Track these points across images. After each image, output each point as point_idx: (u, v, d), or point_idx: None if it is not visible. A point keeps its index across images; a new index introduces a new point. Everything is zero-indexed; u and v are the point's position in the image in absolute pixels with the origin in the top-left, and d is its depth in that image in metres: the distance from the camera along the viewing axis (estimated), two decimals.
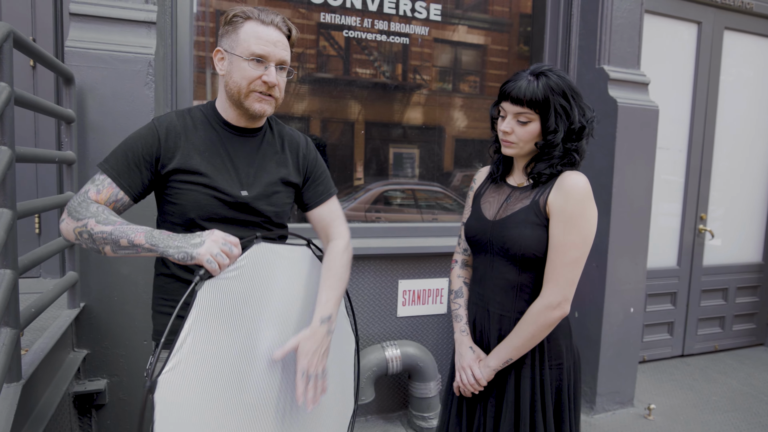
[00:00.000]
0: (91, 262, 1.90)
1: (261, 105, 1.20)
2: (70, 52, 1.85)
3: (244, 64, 1.17)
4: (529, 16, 3.06)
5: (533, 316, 1.32)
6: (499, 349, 1.38)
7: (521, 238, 1.32)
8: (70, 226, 1.09)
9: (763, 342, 4.07)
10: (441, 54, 2.88)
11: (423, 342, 2.75)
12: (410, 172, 2.96)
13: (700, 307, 3.76)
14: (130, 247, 1.05)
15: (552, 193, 1.31)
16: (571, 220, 1.28)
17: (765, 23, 3.71)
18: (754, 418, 2.89)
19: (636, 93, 2.85)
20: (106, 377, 1.97)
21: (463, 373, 1.41)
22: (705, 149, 3.62)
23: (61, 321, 1.72)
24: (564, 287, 1.29)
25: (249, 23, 1.18)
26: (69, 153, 1.76)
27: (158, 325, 1.28)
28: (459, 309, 1.52)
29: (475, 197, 1.52)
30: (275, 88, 1.21)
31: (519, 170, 1.43)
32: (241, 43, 1.17)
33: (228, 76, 1.20)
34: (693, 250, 3.66)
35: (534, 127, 1.32)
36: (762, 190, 3.94)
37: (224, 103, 1.26)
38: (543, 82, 1.30)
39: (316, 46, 2.56)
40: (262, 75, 1.18)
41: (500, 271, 1.39)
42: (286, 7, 2.54)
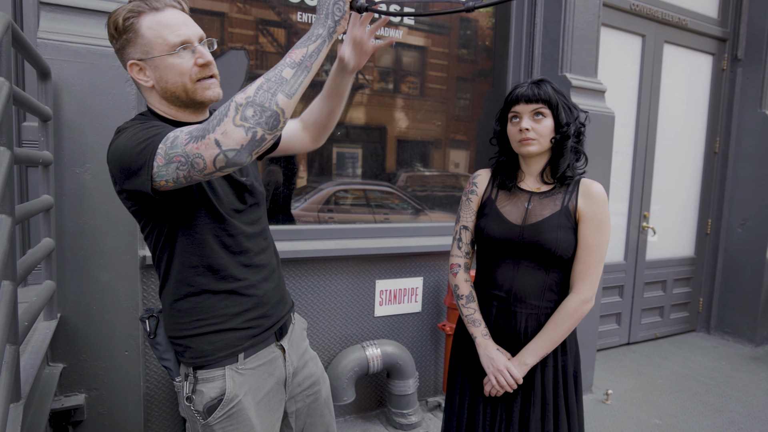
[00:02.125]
0: (68, 269, 1.78)
1: (212, 90, 1.11)
2: (42, 45, 1.71)
3: (172, 59, 1.05)
4: (468, 20, 3.15)
5: (571, 312, 1.43)
6: (536, 346, 1.45)
7: (559, 241, 1.42)
8: (228, 128, 0.88)
9: (695, 328, 4.47)
10: (383, 54, 2.90)
11: (400, 340, 2.79)
12: (353, 171, 2.95)
13: (643, 298, 4.07)
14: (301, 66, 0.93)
15: (581, 200, 1.45)
16: (600, 224, 1.43)
17: (697, 38, 4.07)
18: (695, 398, 3.17)
19: (595, 100, 3.04)
20: (84, 392, 1.85)
21: (500, 376, 1.45)
22: (648, 152, 3.92)
23: (41, 334, 1.60)
24: (595, 283, 1.44)
25: (145, 18, 1.05)
26: (46, 153, 1.64)
27: (205, 344, 1.15)
28: (475, 313, 1.55)
29: (485, 202, 1.57)
30: (212, 65, 1.10)
31: (532, 175, 1.52)
32: (154, 41, 1.04)
33: (161, 82, 1.08)
34: (638, 245, 3.96)
35: (549, 123, 1.44)
36: (694, 190, 4.32)
37: (170, 110, 1.13)
38: (547, 86, 1.45)
39: (255, 42, 2.51)
40: (195, 59, 1.07)
41: (528, 271, 1.47)
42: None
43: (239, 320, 1.17)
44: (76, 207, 1.78)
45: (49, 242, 1.65)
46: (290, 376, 1.30)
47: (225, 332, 1.15)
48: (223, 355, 1.15)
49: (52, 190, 1.70)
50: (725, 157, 4.28)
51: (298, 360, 1.33)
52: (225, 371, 1.14)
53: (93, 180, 1.79)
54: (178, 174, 0.93)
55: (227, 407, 1.13)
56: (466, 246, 1.61)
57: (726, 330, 4.29)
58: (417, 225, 2.98)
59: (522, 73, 3.15)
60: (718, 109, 4.28)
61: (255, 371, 1.19)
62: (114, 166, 1.02)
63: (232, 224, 1.16)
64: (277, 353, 1.26)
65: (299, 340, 1.38)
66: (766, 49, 4.02)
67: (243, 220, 1.19)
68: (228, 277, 1.16)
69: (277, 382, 1.26)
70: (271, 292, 1.25)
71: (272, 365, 1.24)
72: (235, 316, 1.16)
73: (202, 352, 1.14)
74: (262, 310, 1.21)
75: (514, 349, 1.50)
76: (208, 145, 0.89)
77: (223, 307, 1.15)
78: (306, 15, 2.59)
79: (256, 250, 1.22)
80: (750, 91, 4.14)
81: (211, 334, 1.15)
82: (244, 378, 1.17)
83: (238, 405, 1.14)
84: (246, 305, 1.18)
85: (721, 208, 4.31)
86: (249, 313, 1.19)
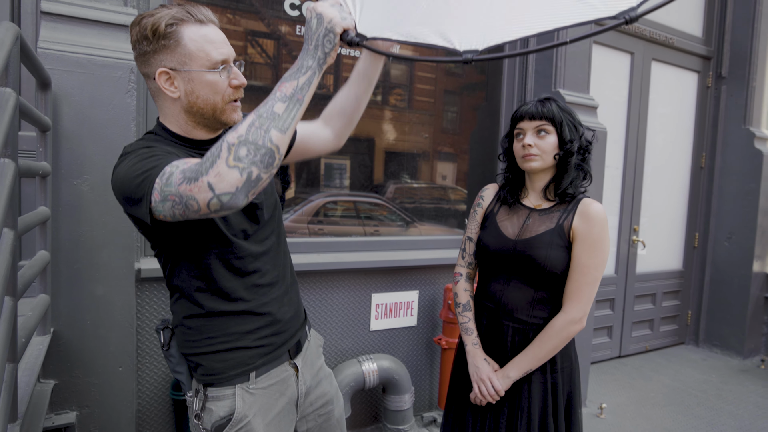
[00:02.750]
0: (63, 282, 1.74)
1: (238, 114, 1.10)
2: (42, 54, 1.69)
3: (211, 76, 1.03)
4: None
5: (556, 330, 1.41)
6: (520, 360, 1.45)
7: (549, 258, 1.42)
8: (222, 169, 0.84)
9: (684, 341, 4.52)
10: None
11: (396, 355, 2.77)
12: (341, 183, 2.95)
13: (633, 311, 4.11)
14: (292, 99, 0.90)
15: (576, 219, 1.44)
16: (595, 244, 1.41)
17: (683, 56, 4.17)
18: (688, 411, 3.20)
19: (588, 116, 3.08)
20: (76, 409, 1.80)
21: (483, 385, 1.46)
22: (637, 167, 3.99)
23: (35, 350, 1.55)
24: (585, 304, 1.42)
25: (187, 28, 1.01)
26: (44, 164, 1.61)
27: (216, 362, 1.13)
28: (469, 322, 1.57)
29: (487, 215, 1.59)
30: (242, 89, 1.10)
31: (535, 192, 1.54)
32: (196, 54, 1.01)
33: (192, 96, 1.04)
34: (628, 259, 4.00)
35: (552, 140, 1.45)
36: (682, 204, 4.40)
37: (186, 126, 1.09)
38: (552, 104, 1.46)
39: (244, 53, 2.51)
40: (231, 80, 1.06)
41: (518, 286, 1.47)
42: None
43: (251, 338, 1.14)
44: (73, 219, 1.74)
45: (45, 255, 1.61)
46: (302, 396, 1.26)
47: (236, 350, 1.13)
48: (234, 374, 1.12)
49: (48, 202, 1.66)
50: (711, 172, 4.37)
51: (311, 379, 1.30)
52: (235, 390, 1.12)
53: (90, 191, 1.76)
54: (174, 212, 0.91)
55: (236, 427, 1.10)
56: (469, 257, 1.65)
57: (714, 342, 4.34)
58: (413, 238, 2.98)
59: (516, 88, 3.19)
60: (704, 125, 4.38)
61: (266, 391, 1.16)
62: (117, 192, 1.00)
63: (240, 246, 1.12)
64: (290, 372, 1.23)
65: (314, 358, 1.34)
66: (749, 67, 4.14)
67: (254, 240, 1.15)
68: (237, 300, 1.13)
69: (289, 401, 1.22)
70: (285, 309, 1.22)
71: (284, 384, 1.21)
72: (247, 333, 1.14)
73: (212, 370, 1.12)
74: (274, 328, 1.19)
75: (501, 361, 1.51)
76: (201, 188, 0.85)
77: (234, 325, 1.13)
78: (300, 27, 2.60)
79: (266, 269, 1.18)
80: (734, 108, 4.25)
81: (222, 353, 1.12)
82: (255, 398, 1.14)
83: (247, 426, 1.11)
84: (258, 323, 1.15)
85: (708, 222, 4.39)
86: (261, 331, 1.16)
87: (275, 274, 1.21)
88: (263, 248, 1.18)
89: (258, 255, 1.16)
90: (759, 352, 4.29)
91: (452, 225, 3.23)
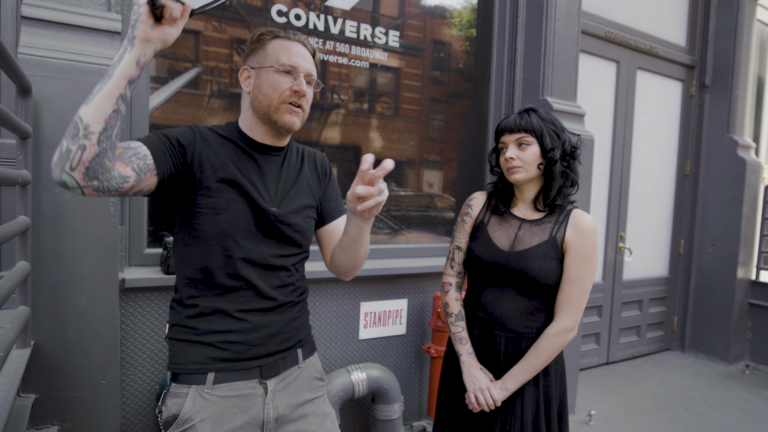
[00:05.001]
0: (43, 294, 1.69)
1: (291, 117, 1.20)
2: (23, 60, 1.65)
3: (275, 75, 1.18)
4: (442, 43, 3.21)
5: (550, 340, 1.42)
6: (517, 372, 1.46)
7: (543, 270, 1.43)
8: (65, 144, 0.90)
9: (671, 347, 4.55)
10: (358, 75, 2.92)
11: (385, 363, 2.75)
12: None
13: (621, 317, 4.13)
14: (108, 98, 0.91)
15: (569, 231, 1.46)
16: (586, 256, 1.44)
17: (668, 65, 4.23)
18: (675, 417, 3.21)
19: (575, 123, 3.11)
20: (58, 423, 1.75)
21: (481, 395, 1.46)
22: (623, 174, 4.02)
23: (14, 364, 1.50)
24: (577, 314, 1.44)
25: (277, 40, 1.21)
26: (24, 172, 1.56)
27: (180, 352, 1.19)
28: (462, 332, 1.56)
29: (478, 225, 1.59)
30: (304, 99, 1.21)
31: (525, 202, 1.55)
32: (270, 56, 1.19)
33: (256, 90, 1.20)
34: (615, 266, 4.03)
35: (534, 150, 1.47)
36: (667, 211, 4.45)
37: (249, 121, 1.24)
38: (533, 115, 1.48)
39: (230, 61, 2.50)
40: (293, 85, 1.18)
41: (511, 297, 1.47)
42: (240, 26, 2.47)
43: (217, 338, 1.16)
44: (54, 228, 1.70)
45: (25, 265, 1.57)
46: (271, 421, 1.21)
47: (200, 345, 1.16)
48: (193, 369, 1.15)
49: (29, 211, 1.62)
50: (696, 180, 4.43)
51: (287, 408, 1.24)
52: (190, 390, 1.14)
53: (72, 200, 1.72)
54: None
55: (180, 428, 1.12)
56: (459, 266, 1.65)
57: (700, 348, 4.38)
58: (401, 246, 2.96)
59: (504, 96, 3.20)
60: (688, 134, 4.44)
61: (223, 400, 1.15)
62: None
63: (235, 247, 1.17)
64: (257, 390, 1.20)
65: (301, 389, 1.28)
66: (731, 76, 4.21)
67: (258, 247, 1.20)
68: (219, 296, 1.18)
69: (251, 422, 1.18)
70: (269, 323, 1.22)
71: (247, 401, 1.18)
72: (215, 333, 1.16)
73: (175, 359, 1.17)
74: (246, 337, 1.18)
75: (494, 371, 1.52)
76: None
77: (207, 321, 1.17)
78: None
79: (258, 282, 1.20)
80: (717, 117, 4.32)
81: (186, 343, 1.17)
82: (208, 404, 1.14)
83: (191, 429, 1.12)
84: (231, 326, 1.17)
85: (693, 229, 4.44)
86: (231, 335, 1.17)
87: (269, 293, 1.23)
88: (264, 262, 1.23)
89: (253, 264, 1.21)
90: (744, 357, 4.34)
91: (440, 233, 3.23)
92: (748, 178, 4.14)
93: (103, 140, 0.90)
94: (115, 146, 0.94)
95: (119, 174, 0.97)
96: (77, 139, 0.88)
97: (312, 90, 1.25)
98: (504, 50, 3.20)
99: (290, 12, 2.55)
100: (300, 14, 2.58)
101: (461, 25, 3.23)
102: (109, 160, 0.93)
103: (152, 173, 1.05)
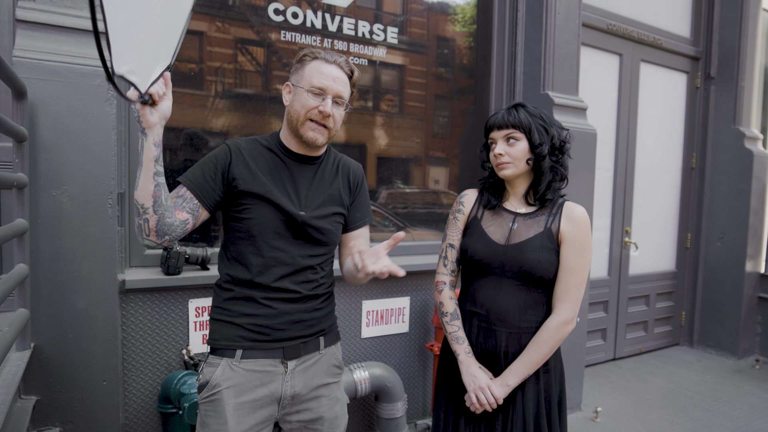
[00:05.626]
0: (43, 296, 1.70)
1: (314, 133, 1.33)
2: (18, 63, 1.66)
3: (305, 94, 1.32)
4: (446, 39, 3.19)
5: (551, 333, 1.42)
6: (518, 367, 1.44)
7: (540, 261, 1.42)
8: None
9: (679, 342, 4.51)
10: (362, 72, 2.89)
11: (388, 362, 2.74)
12: None
13: (627, 313, 4.10)
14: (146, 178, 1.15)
15: (563, 223, 1.46)
16: (582, 246, 1.43)
17: (672, 57, 4.18)
18: (683, 413, 3.18)
19: (577, 117, 3.08)
20: (59, 425, 1.76)
21: (482, 394, 1.44)
22: (628, 168, 3.98)
23: (14, 366, 1.51)
24: (576, 304, 1.43)
25: (315, 61, 1.34)
26: (21, 175, 1.57)
27: (216, 330, 1.38)
28: (459, 331, 1.55)
29: (471, 221, 1.58)
30: (329, 119, 1.33)
31: (517, 197, 1.55)
32: (306, 77, 1.33)
33: (290, 106, 1.36)
34: (621, 260, 3.99)
35: (522, 146, 1.47)
36: (674, 205, 4.40)
37: (285, 132, 1.41)
38: (521, 110, 1.49)
39: (234, 61, 2.49)
40: (319, 105, 1.31)
41: (510, 291, 1.46)
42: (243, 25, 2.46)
43: (246, 320, 1.33)
44: (53, 231, 1.71)
45: (22, 268, 1.57)
46: (287, 397, 1.36)
47: (231, 325, 1.33)
48: (225, 345, 1.33)
49: (26, 214, 1.63)
50: (702, 173, 4.38)
51: (304, 387, 1.38)
52: (222, 362, 1.32)
53: (70, 203, 1.73)
54: None
55: (209, 392, 1.30)
56: (452, 264, 1.63)
57: (709, 343, 4.33)
58: (404, 244, 2.94)
59: (504, 91, 3.18)
60: (694, 126, 4.38)
61: (248, 373, 1.31)
62: None
63: (266, 247, 1.34)
64: (278, 369, 1.35)
65: (319, 373, 1.42)
66: (737, 67, 4.15)
67: (287, 247, 1.35)
68: (248, 287, 1.34)
69: (270, 395, 1.33)
70: (291, 311, 1.35)
71: (268, 377, 1.33)
72: (245, 316, 1.33)
73: (213, 335, 1.36)
74: (271, 321, 1.33)
75: (493, 368, 1.50)
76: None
77: (238, 305, 1.34)
78: (289, 34, 2.57)
79: (279, 277, 1.34)
80: (723, 108, 4.26)
81: (221, 323, 1.35)
82: (234, 374, 1.30)
83: (218, 395, 1.29)
84: (257, 311, 1.33)
85: (699, 223, 4.39)
86: (257, 318, 1.33)
87: (294, 287, 1.37)
88: (287, 260, 1.38)
89: (281, 262, 1.38)
90: (753, 352, 4.28)
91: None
92: (756, 170, 4.09)
93: (157, 208, 1.16)
94: (169, 206, 1.20)
95: (180, 221, 1.23)
96: (140, 216, 1.17)
97: (341, 110, 1.37)
98: (504, 45, 3.17)
99: (287, 10, 2.54)
100: (297, 12, 2.57)
101: (464, 21, 3.21)
102: (169, 217, 1.19)
103: (202, 208, 1.30)
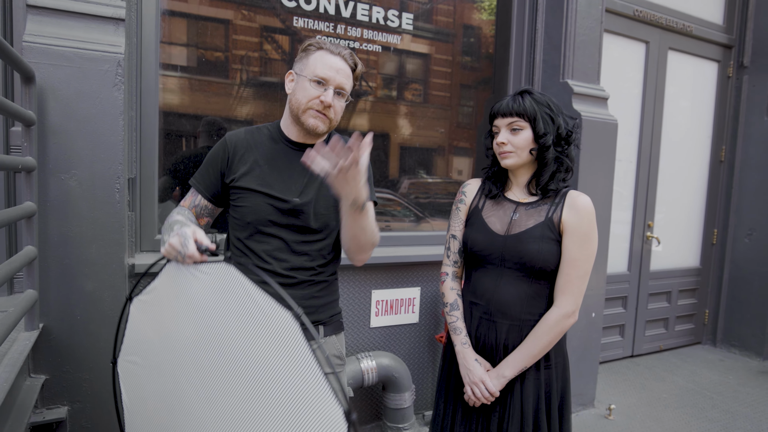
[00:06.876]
0: (51, 278, 1.73)
1: (315, 121, 1.36)
2: (28, 48, 1.67)
3: (307, 84, 1.34)
4: (471, 27, 3.12)
5: (551, 325, 1.38)
6: (515, 358, 1.41)
7: (540, 252, 1.38)
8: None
9: (701, 341, 4.37)
10: (386, 62, 2.86)
11: (396, 352, 2.73)
12: None
13: (647, 309, 3.99)
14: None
15: (565, 212, 1.40)
16: (584, 237, 1.38)
17: (702, 45, 4.01)
18: (701, 413, 3.08)
19: (597, 107, 2.98)
20: (68, 404, 1.79)
21: (476, 388, 1.42)
22: (652, 160, 3.85)
23: (20, 345, 1.55)
24: (578, 297, 1.38)
25: (320, 51, 1.36)
26: (29, 159, 1.59)
27: None
28: (457, 321, 1.52)
29: (473, 211, 1.54)
30: (330, 109, 1.35)
31: (519, 186, 1.51)
32: (309, 66, 1.35)
33: (292, 94, 1.39)
34: (641, 255, 3.88)
35: (527, 134, 1.42)
36: (700, 199, 4.24)
37: (287, 121, 1.43)
38: (527, 98, 1.43)
39: (259, 50, 2.48)
40: (321, 95, 1.33)
41: (510, 282, 1.42)
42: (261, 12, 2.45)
43: None
44: (61, 214, 1.73)
45: (30, 250, 1.60)
46: None
47: None
48: None
49: (35, 197, 1.65)
50: (731, 166, 4.21)
51: None
52: None
53: (79, 186, 1.75)
54: None
55: None
56: (455, 255, 1.61)
57: (733, 343, 4.19)
58: (415, 234, 2.92)
59: (523, 79, 3.09)
60: (724, 117, 4.21)
61: None
62: None
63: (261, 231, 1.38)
64: None
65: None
66: None
67: (281, 233, 1.38)
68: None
69: None
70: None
71: None
72: None
73: None
74: None
75: (494, 358, 1.47)
76: None
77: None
78: (309, 21, 2.55)
79: (272, 263, 1.37)
80: (756, 99, 4.07)
81: None
82: None
83: None
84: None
85: (727, 218, 4.23)
86: None
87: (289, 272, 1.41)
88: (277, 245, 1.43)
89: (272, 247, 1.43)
90: None
91: None
92: None
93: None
94: (194, 220, 1.33)
95: (203, 226, 1.37)
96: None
97: (342, 102, 1.39)
98: (524, 31, 3.08)
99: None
100: None
101: (491, 9, 3.13)
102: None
103: (215, 208, 1.45)
